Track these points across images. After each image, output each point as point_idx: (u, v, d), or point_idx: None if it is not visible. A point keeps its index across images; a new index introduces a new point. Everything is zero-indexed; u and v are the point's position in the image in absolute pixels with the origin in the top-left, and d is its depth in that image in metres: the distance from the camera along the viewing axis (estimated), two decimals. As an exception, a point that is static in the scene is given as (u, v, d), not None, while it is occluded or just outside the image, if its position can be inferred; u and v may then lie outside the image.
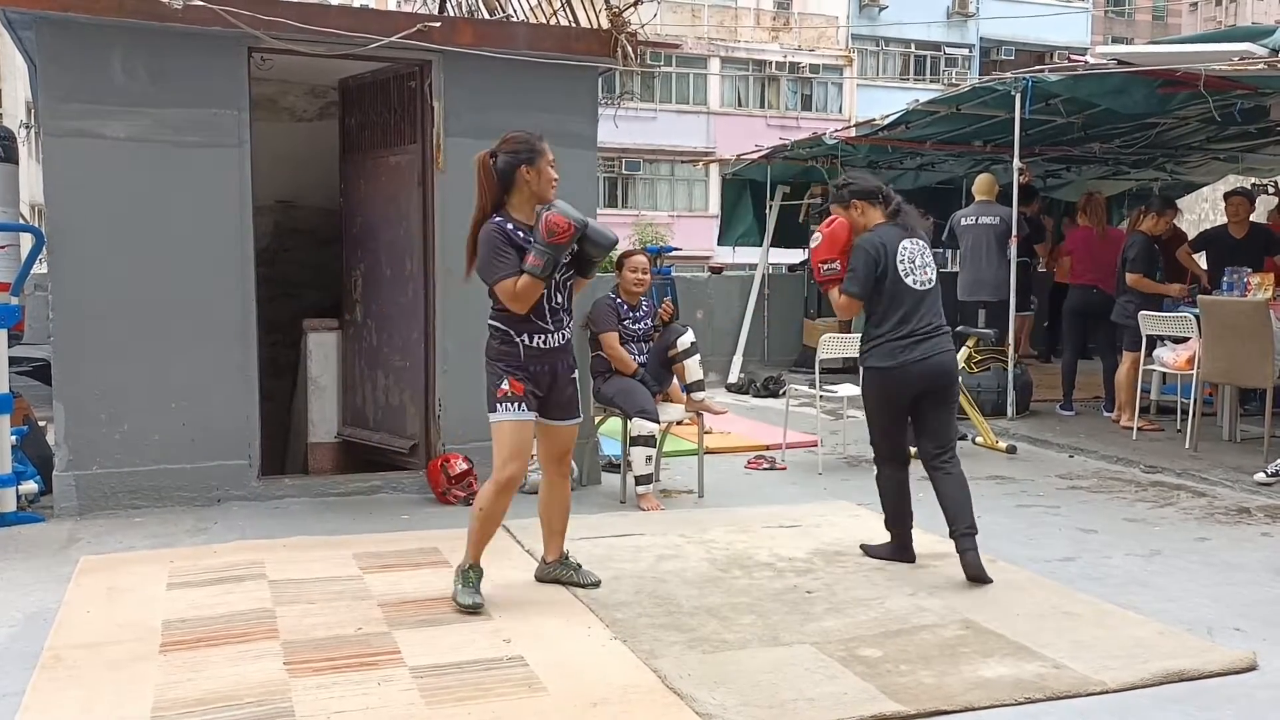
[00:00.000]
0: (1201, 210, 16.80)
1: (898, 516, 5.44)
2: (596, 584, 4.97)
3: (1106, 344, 9.81)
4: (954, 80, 34.44)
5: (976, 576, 5.04)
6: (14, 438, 6.25)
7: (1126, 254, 9.12)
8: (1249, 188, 11.69)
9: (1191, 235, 11.32)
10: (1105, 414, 9.78)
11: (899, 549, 5.45)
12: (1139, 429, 8.90)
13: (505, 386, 4.66)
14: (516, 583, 5.04)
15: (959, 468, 5.24)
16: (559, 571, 5.05)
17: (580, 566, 5.08)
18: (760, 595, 4.90)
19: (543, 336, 4.72)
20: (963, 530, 5.10)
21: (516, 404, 4.66)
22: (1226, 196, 10.10)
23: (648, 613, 4.64)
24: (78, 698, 3.77)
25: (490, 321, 4.76)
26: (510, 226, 4.62)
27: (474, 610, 4.60)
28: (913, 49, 38.82)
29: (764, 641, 4.33)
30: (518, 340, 4.69)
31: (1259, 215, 11.23)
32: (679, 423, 7.26)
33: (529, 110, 6.96)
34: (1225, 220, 10.04)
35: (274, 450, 7.58)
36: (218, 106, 6.44)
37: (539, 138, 4.69)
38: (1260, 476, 7.06)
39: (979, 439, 8.73)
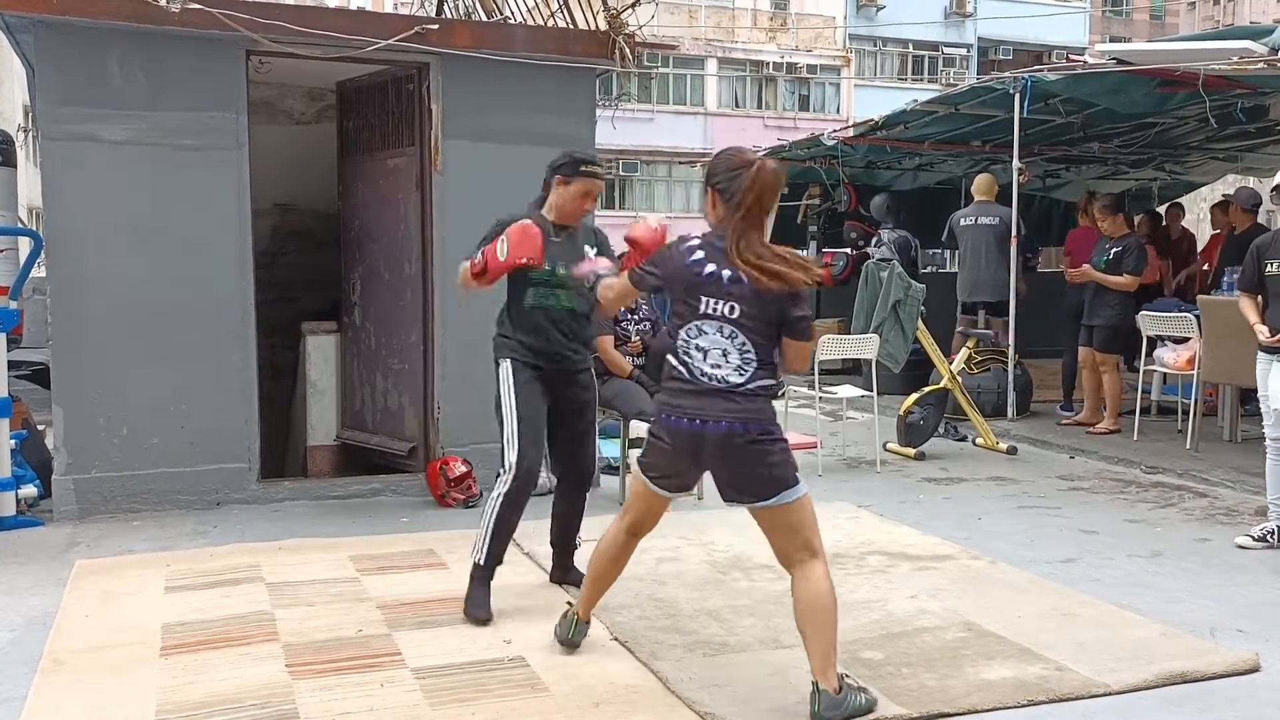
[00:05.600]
0: (1200, 210, 16.80)
1: None
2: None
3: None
4: (952, 80, 34.45)
5: None
6: (13, 442, 6.24)
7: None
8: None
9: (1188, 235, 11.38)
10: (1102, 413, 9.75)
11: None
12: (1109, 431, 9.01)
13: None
14: (515, 585, 5.02)
15: None
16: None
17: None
18: (761, 598, 4.89)
19: None
20: None
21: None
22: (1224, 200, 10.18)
23: (647, 615, 4.63)
24: (80, 702, 3.76)
25: (766, 382, 3.71)
26: None
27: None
28: (910, 49, 38.81)
29: (765, 644, 4.32)
30: None
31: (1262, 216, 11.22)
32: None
33: (527, 112, 6.96)
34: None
35: (273, 453, 7.56)
36: (216, 109, 6.43)
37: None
38: (1244, 540, 5.86)
39: (979, 440, 8.72)
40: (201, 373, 6.46)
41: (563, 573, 5.05)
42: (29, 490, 6.28)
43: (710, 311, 3.67)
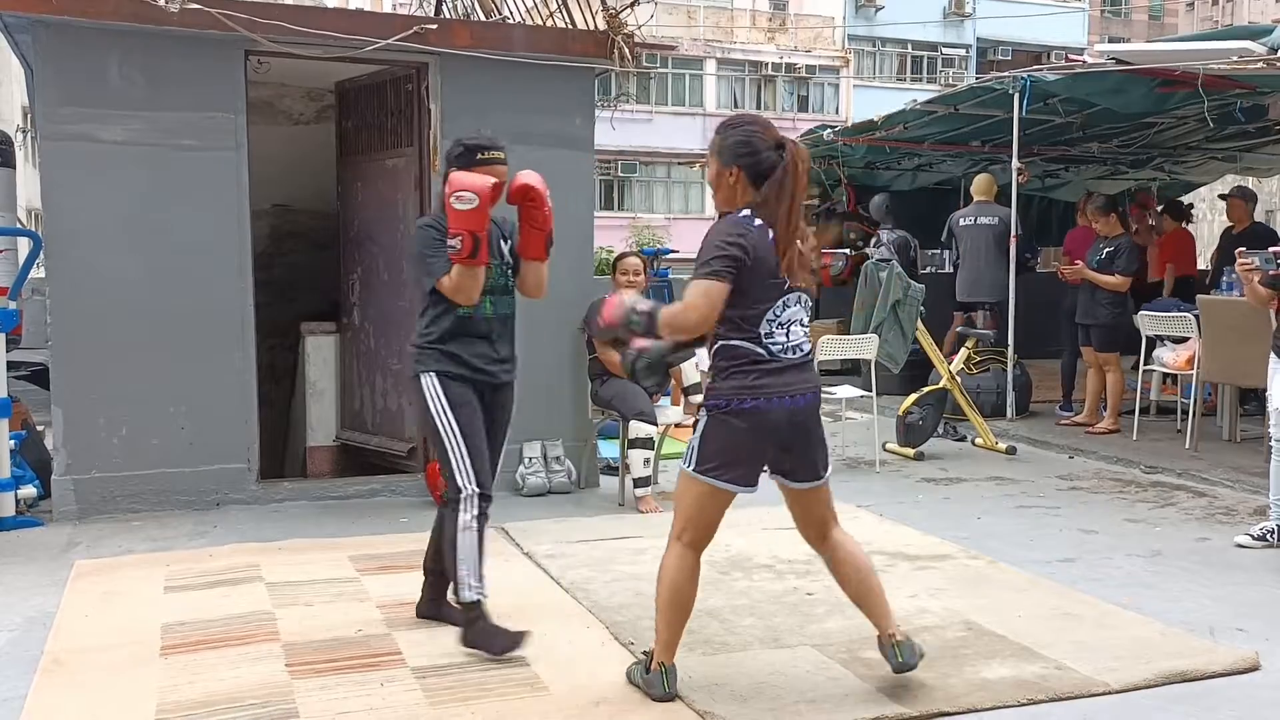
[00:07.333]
0: (1199, 210, 16.79)
1: None
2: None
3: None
4: (951, 80, 34.46)
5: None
6: (12, 442, 6.23)
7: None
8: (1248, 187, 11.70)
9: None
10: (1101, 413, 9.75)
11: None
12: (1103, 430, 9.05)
13: None
14: (514, 584, 5.03)
15: None
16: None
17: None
18: (760, 597, 4.89)
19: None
20: None
21: None
22: (1224, 198, 10.16)
23: (648, 615, 4.60)
24: (80, 702, 3.76)
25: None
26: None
27: None
28: (909, 49, 38.85)
29: (765, 643, 4.32)
30: None
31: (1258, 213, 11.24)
32: (677, 425, 7.26)
33: (526, 112, 6.96)
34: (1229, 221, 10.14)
35: (273, 454, 7.56)
36: (214, 110, 6.43)
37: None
38: (1244, 539, 5.82)
39: (978, 440, 8.72)
40: (201, 373, 6.45)
41: (437, 607, 4.53)
42: (28, 491, 6.28)
43: (792, 284, 3.67)
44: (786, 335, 3.66)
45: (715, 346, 3.70)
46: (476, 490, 4.20)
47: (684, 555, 3.80)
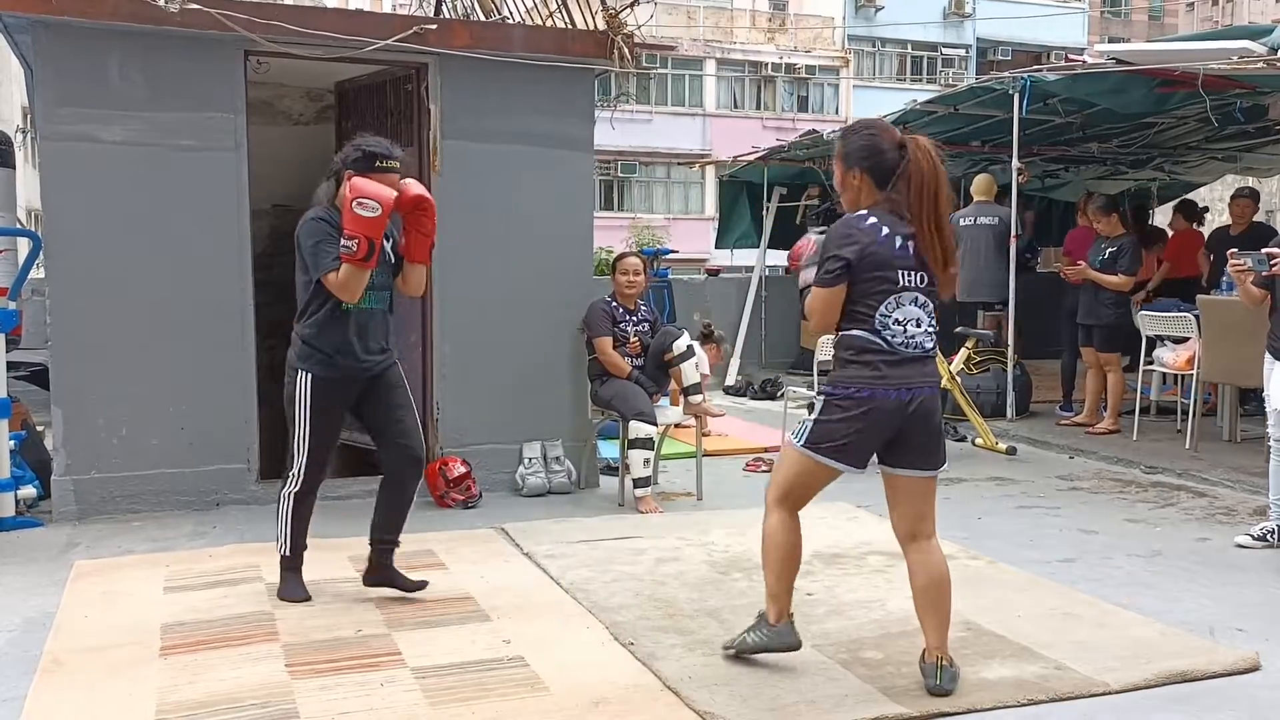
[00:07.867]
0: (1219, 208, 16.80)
1: None
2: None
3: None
4: (951, 81, 34.44)
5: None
6: (12, 443, 6.23)
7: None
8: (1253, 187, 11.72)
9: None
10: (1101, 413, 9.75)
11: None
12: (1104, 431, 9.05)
13: None
14: (515, 585, 5.03)
15: None
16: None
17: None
18: (760, 598, 4.85)
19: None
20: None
21: None
22: (1232, 198, 10.16)
23: (648, 615, 4.63)
24: (79, 702, 3.76)
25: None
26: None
27: None
28: (909, 49, 38.82)
29: (765, 643, 4.32)
30: None
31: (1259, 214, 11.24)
32: (677, 425, 7.26)
33: (525, 113, 6.96)
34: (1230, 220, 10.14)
35: (273, 454, 7.54)
36: (214, 110, 6.42)
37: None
38: (1244, 539, 5.84)
39: (978, 440, 8.72)
40: (201, 374, 6.45)
41: (385, 574, 4.85)
42: (28, 491, 6.28)
43: (908, 284, 3.78)
44: (905, 330, 3.78)
45: (838, 337, 3.88)
46: (301, 480, 4.79)
47: (785, 518, 4.03)
